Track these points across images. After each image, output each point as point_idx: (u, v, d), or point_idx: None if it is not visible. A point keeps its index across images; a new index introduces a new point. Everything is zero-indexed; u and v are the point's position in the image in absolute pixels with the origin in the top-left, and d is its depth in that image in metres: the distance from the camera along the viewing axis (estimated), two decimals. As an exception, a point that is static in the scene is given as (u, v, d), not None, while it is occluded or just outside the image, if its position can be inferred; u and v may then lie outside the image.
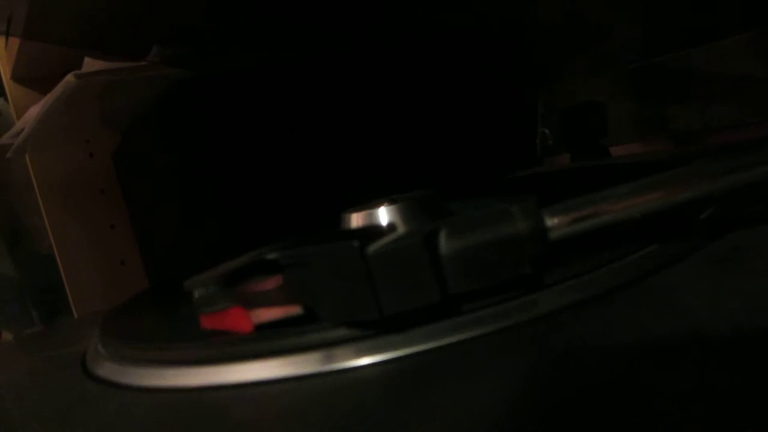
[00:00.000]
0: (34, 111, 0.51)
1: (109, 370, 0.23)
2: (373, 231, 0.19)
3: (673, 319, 0.16)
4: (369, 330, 0.18)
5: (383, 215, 0.26)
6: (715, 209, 0.22)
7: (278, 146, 0.48)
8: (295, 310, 0.19)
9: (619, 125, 0.49)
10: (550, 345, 0.16)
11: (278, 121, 0.48)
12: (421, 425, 0.14)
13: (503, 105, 0.58)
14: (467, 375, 0.16)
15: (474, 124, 0.57)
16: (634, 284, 0.19)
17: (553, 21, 0.43)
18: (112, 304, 0.37)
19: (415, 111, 0.53)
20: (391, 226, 0.24)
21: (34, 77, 0.59)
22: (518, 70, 0.54)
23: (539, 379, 0.15)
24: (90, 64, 0.45)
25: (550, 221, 0.17)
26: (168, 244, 0.54)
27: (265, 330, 0.20)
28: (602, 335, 0.16)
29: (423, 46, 0.48)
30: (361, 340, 0.18)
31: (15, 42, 0.54)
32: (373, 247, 0.17)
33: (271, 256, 0.19)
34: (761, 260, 0.18)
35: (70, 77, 0.43)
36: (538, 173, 0.54)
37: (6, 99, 0.60)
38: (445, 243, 0.17)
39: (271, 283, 0.20)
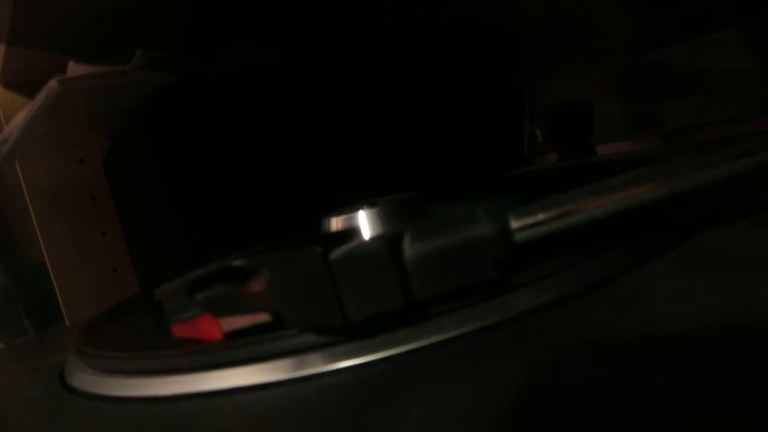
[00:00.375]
0: (20, 117, 0.51)
1: (84, 381, 0.23)
2: (339, 236, 0.19)
3: (641, 320, 0.16)
4: (340, 335, 0.18)
5: (362, 219, 0.25)
6: (686, 209, 0.22)
7: (268, 149, 0.48)
8: (264, 317, 0.19)
9: (607, 123, 0.49)
10: (517, 348, 0.16)
11: (267, 123, 0.48)
12: (393, 429, 0.14)
13: (490, 104, 0.58)
14: (437, 378, 0.16)
15: (461, 124, 0.57)
16: (602, 285, 0.18)
17: (540, 18, 0.43)
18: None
19: (401, 112, 0.53)
20: (356, 231, 0.24)
21: (23, 82, 0.59)
22: (505, 69, 0.54)
23: (508, 381, 0.14)
24: (74, 69, 0.45)
25: (516, 223, 0.16)
26: (160, 252, 0.53)
27: (236, 337, 0.20)
28: (569, 337, 0.16)
29: (409, 46, 0.47)
30: (333, 346, 0.18)
31: (2, 47, 0.54)
32: (335, 253, 0.17)
33: (237, 263, 0.18)
34: (731, 260, 0.18)
35: (52, 82, 0.43)
36: (526, 173, 0.54)
37: (-6, 105, 0.60)
38: (408, 247, 0.17)
39: (255, 287, 0.20)
